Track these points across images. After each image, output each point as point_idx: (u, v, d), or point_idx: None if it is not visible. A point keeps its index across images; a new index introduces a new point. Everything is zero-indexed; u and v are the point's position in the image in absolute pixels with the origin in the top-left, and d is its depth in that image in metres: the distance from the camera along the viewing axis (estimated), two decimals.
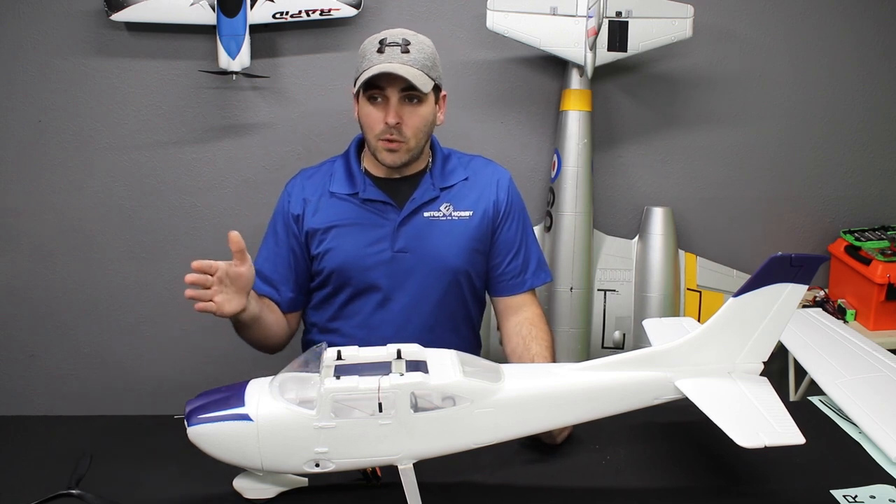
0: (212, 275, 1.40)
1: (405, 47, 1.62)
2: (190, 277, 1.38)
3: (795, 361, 1.96)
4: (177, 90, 2.41)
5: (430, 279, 1.72)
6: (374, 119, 1.64)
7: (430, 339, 1.28)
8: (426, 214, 1.71)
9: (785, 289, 1.16)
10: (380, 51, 1.61)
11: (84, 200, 2.47)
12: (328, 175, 1.76)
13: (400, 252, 1.70)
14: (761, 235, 2.71)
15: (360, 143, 1.79)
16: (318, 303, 1.79)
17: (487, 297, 1.87)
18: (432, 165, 1.76)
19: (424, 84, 1.61)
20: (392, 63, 1.59)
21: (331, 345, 1.19)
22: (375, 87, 1.62)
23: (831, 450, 1.38)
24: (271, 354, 1.78)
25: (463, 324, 1.82)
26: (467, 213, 1.74)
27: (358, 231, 1.70)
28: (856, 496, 1.24)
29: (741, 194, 2.68)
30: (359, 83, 1.62)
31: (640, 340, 2.49)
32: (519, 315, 1.78)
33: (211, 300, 1.42)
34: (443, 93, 1.73)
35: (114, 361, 2.59)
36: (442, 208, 1.72)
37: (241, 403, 1.11)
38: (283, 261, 1.75)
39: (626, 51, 2.34)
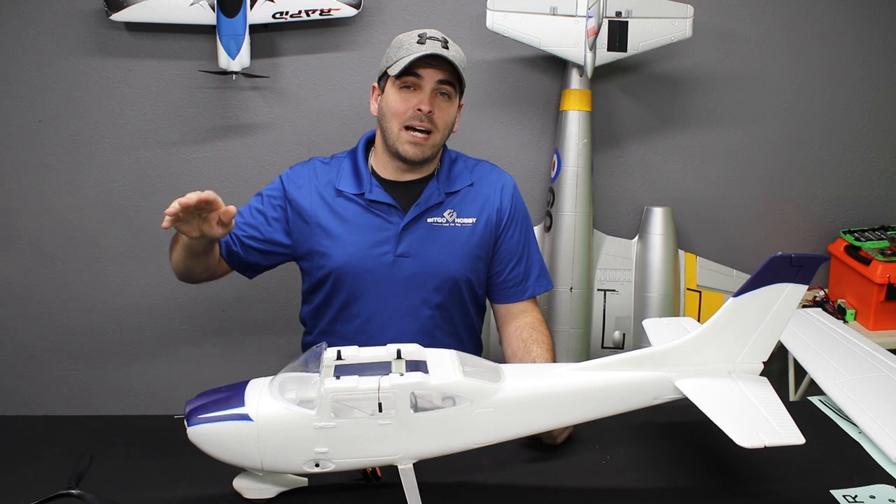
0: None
1: (445, 43, 1.65)
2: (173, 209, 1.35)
3: (795, 361, 1.96)
4: (177, 90, 2.41)
5: (431, 285, 1.72)
6: (405, 105, 1.64)
7: (431, 345, 1.27)
8: (430, 220, 1.71)
9: (785, 289, 1.16)
10: (420, 42, 1.64)
11: (84, 200, 2.47)
12: (336, 171, 1.76)
13: (402, 256, 1.69)
14: (761, 235, 2.71)
15: (368, 143, 1.79)
16: (318, 305, 1.79)
17: (488, 301, 1.87)
18: (439, 169, 1.76)
19: (462, 77, 1.67)
20: (436, 51, 1.62)
21: (330, 345, 1.19)
22: (412, 75, 1.63)
23: (831, 450, 1.38)
24: (183, 280, 1.72)
25: (464, 329, 1.82)
26: (470, 220, 1.73)
27: (361, 232, 1.70)
28: (856, 496, 1.24)
29: (741, 194, 2.68)
30: (398, 67, 1.62)
31: (640, 340, 2.49)
32: (520, 320, 1.78)
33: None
34: (461, 102, 1.74)
35: (114, 361, 2.59)
36: (445, 214, 1.72)
37: (241, 403, 1.11)
38: (252, 215, 1.74)
39: (626, 51, 2.34)
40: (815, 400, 1.55)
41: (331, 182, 1.74)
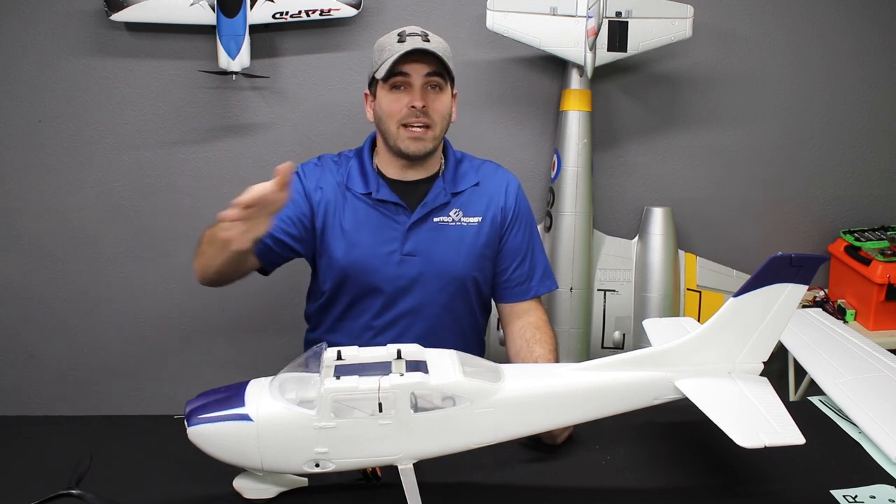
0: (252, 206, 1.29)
1: (425, 37, 1.65)
2: (232, 214, 1.28)
3: (795, 361, 1.96)
4: (177, 90, 2.41)
5: (437, 284, 1.72)
6: (398, 105, 1.64)
7: (437, 345, 1.27)
8: (436, 219, 1.71)
9: (785, 289, 1.16)
10: (400, 41, 1.64)
11: (84, 200, 2.47)
12: (345, 169, 1.75)
13: (408, 255, 1.70)
14: (761, 235, 2.71)
15: (373, 143, 1.79)
16: (324, 302, 1.78)
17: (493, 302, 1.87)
18: (444, 169, 1.76)
19: (448, 67, 1.65)
20: (416, 46, 1.61)
21: (331, 344, 1.19)
22: (399, 75, 1.63)
23: (831, 450, 1.38)
24: (210, 285, 1.64)
25: (470, 330, 1.82)
26: (476, 219, 1.73)
27: (369, 231, 1.70)
28: (856, 496, 1.24)
29: (741, 194, 2.68)
30: (383, 69, 1.62)
31: (640, 340, 2.49)
32: (523, 319, 1.78)
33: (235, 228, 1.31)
34: (455, 91, 1.74)
35: (114, 361, 2.59)
36: (451, 214, 1.72)
37: (241, 403, 1.11)
38: (284, 208, 1.66)
39: (626, 51, 2.34)
40: (815, 400, 1.55)
41: (342, 180, 1.73)
